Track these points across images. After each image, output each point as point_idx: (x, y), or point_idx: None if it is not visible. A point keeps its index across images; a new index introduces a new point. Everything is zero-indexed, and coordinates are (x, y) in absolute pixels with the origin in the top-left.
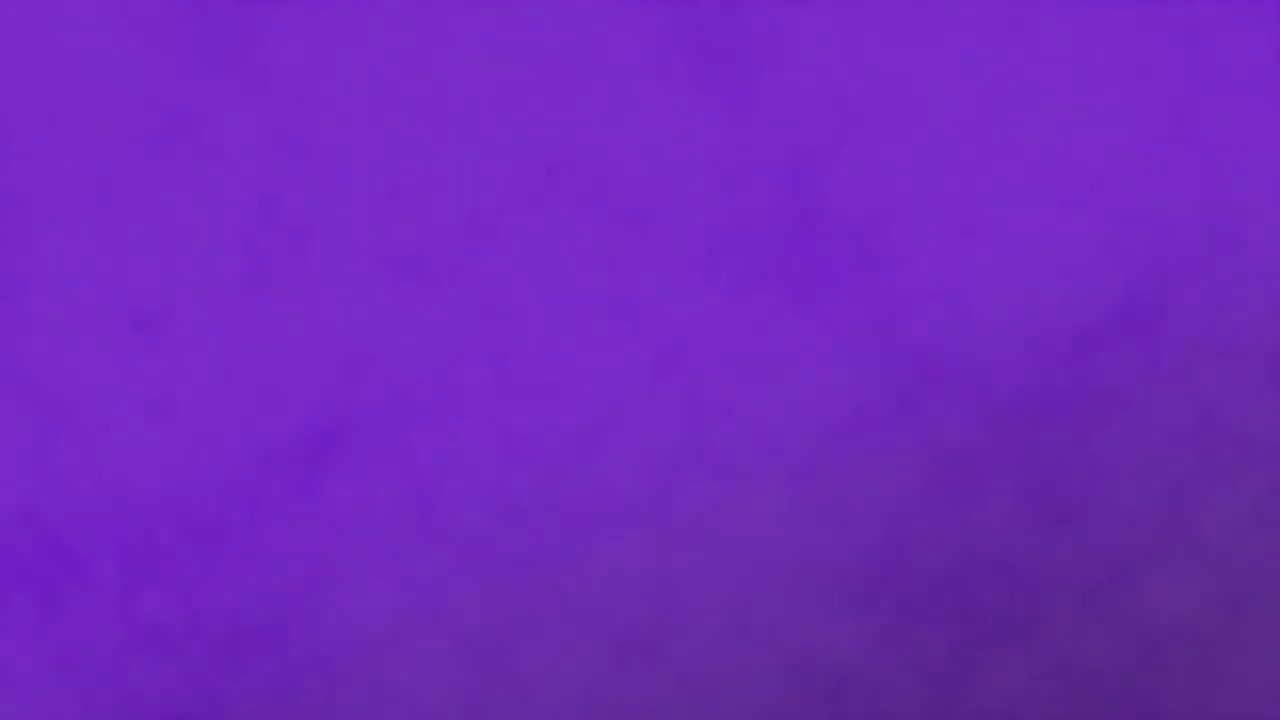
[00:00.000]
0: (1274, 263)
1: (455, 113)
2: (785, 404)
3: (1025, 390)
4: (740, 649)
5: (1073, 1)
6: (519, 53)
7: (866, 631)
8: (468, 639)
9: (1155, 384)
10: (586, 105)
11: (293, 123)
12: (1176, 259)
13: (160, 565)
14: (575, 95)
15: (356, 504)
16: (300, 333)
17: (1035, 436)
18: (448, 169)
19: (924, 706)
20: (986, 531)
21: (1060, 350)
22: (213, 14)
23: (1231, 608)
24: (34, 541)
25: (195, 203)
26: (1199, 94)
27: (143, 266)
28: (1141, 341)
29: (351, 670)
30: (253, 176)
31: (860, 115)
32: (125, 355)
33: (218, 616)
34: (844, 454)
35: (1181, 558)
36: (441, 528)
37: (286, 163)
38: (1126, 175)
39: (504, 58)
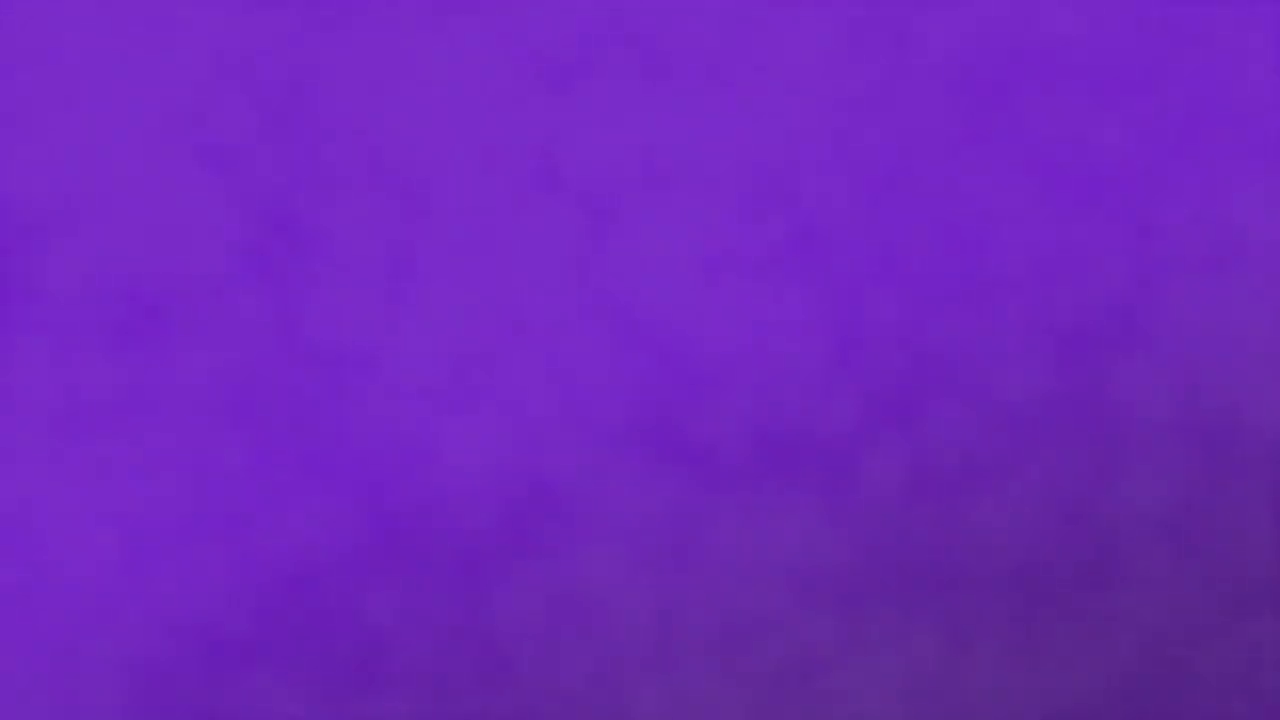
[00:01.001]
0: (1274, 263)
1: (454, 112)
2: (785, 404)
3: (1026, 391)
4: (739, 649)
5: (1074, 1)
6: (518, 52)
7: (866, 631)
8: (467, 639)
9: (1155, 384)
10: (586, 104)
11: (293, 122)
12: (1176, 260)
13: (160, 565)
14: (574, 94)
15: (356, 503)
16: (299, 332)
17: (1035, 436)
18: (447, 168)
19: (923, 706)
20: (986, 531)
21: (1061, 350)
22: (211, 14)
23: (1231, 607)
24: (33, 541)
25: (195, 202)
26: (1199, 94)
27: (142, 265)
28: (1141, 341)
29: (353, 670)
30: (253, 176)
31: (859, 114)
32: (125, 354)
33: (219, 617)
34: (844, 454)
35: (1182, 557)
36: (441, 527)
37: (287, 162)
38: (1127, 176)
39: (503, 57)
